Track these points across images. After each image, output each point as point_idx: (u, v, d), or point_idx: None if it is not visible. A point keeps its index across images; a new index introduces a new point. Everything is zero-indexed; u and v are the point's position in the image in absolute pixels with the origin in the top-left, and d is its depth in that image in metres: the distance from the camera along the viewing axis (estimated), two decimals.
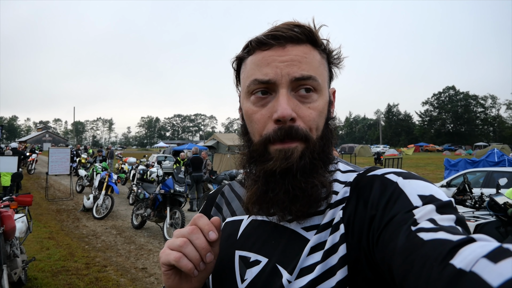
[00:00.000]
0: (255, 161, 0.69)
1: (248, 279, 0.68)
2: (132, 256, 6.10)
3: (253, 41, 0.70)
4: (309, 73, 0.66)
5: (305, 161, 0.65)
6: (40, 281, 4.74)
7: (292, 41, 0.67)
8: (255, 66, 0.68)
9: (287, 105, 0.63)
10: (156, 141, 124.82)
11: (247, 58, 0.71)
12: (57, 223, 8.48)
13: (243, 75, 0.72)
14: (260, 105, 0.68)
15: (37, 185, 15.36)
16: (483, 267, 0.39)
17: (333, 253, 0.60)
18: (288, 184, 0.64)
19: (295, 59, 0.66)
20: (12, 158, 10.92)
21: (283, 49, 0.66)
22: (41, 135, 73.16)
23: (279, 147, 0.65)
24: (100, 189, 9.42)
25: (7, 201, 4.32)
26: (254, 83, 0.67)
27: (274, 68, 0.66)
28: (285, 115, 0.63)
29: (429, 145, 64.13)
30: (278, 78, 0.65)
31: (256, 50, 0.69)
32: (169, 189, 7.32)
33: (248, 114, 0.70)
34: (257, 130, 0.68)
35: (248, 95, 0.70)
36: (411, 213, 0.54)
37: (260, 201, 0.68)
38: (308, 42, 0.68)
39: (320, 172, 0.66)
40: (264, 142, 0.67)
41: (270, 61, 0.67)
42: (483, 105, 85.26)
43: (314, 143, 0.66)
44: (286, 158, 0.64)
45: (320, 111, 0.67)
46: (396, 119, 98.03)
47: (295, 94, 0.66)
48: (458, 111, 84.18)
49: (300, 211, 0.65)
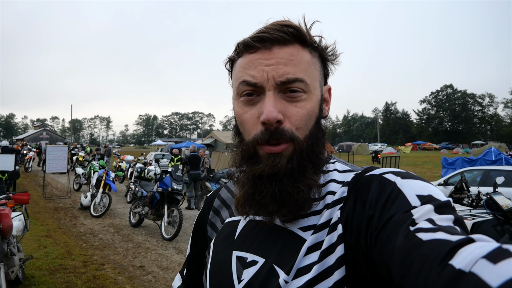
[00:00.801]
0: (245, 161, 0.70)
1: (245, 280, 0.68)
2: (129, 254, 6.10)
3: (240, 44, 0.70)
4: (295, 76, 0.65)
5: (292, 165, 0.65)
6: (38, 279, 4.73)
7: (278, 42, 0.66)
8: (243, 69, 0.69)
9: (273, 107, 0.64)
10: (153, 139, 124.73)
11: (237, 60, 0.72)
12: (55, 221, 8.45)
13: (234, 76, 0.73)
14: (249, 106, 0.68)
15: (35, 183, 15.31)
16: (482, 268, 0.39)
17: (330, 253, 0.60)
18: (275, 188, 0.65)
19: (281, 62, 0.65)
20: (9, 156, 10.87)
21: (270, 52, 0.66)
22: (39, 133, 72.90)
23: (268, 151, 0.66)
24: (97, 187, 9.41)
25: (4, 199, 4.30)
26: (243, 84, 0.68)
27: (260, 72, 0.66)
28: (270, 118, 0.63)
29: (427, 144, 64.38)
30: (265, 82, 0.65)
31: (244, 53, 0.69)
32: (167, 187, 7.31)
33: (238, 114, 0.71)
34: (247, 130, 0.69)
35: (238, 96, 0.70)
36: (409, 213, 0.53)
37: (248, 203, 0.69)
38: (296, 42, 0.68)
39: (308, 175, 0.66)
40: (253, 143, 0.67)
41: (256, 64, 0.67)
42: (481, 103, 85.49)
43: (301, 143, 0.66)
44: (274, 165, 0.65)
45: (309, 110, 0.67)
46: (394, 117, 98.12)
47: (283, 95, 0.66)
48: (456, 110, 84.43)
49: (287, 215, 0.66)
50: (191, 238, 0.93)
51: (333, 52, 0.73)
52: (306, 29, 0.69)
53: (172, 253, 6.18)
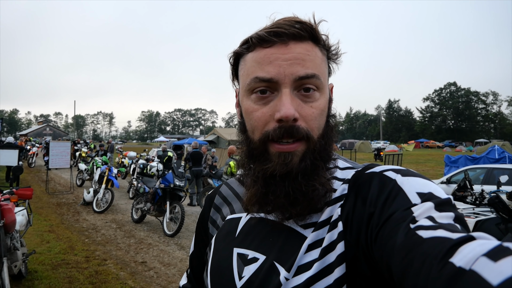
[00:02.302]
0: (254, 159, 0.69)
1: (245, 277, 0.68)
2: (131, 250, 6.13)
3: (253, 38, 0.67)
4: (313, 72, 0.65)
5: (306, 163, 0.64)
6: (40, 274, 4.77)
7: (294, 38, 0.65)
8: (256, 64, 0.66)
9: (290, 105, 0.62)
10: (156, 135, 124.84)
11: (246, 55, 0.69)
12: (57, 216, 8.50)
13: (243, 72, 0.70)
14: (262, 103, 0.66)
15: (38, 179, 15.39)
16: (483, 266, 0.38)
17: (331, 250, 0.60)
18: (288, 187, 0.64)
19: (298, 57, 0.64)
20: (12, 151, 10.93)
21: (286, 47, 0.65)
22: (42, 129, 73.16)
23: (279, 149, 0.64)
24: (100, 183, 9.44)
25: (8, 194, 4.33)
26: (255, 81, 0.66)
27: (277, 67, 0.64)
28: (288, 115, 0.62)
29: (430, 142, 64.20)
30: (281, 77, 0.64)
31: (257, 47, 0.67)
32: (169, 183, 7.33)
33: (248, 112, 0.69)
34: (257, 128, 0.67)
35: (248, 93, 0.68)
36: (409, 210, 0.53)
37: (261, 203, 0.68)
38: (310, 39, 0.67)
39: (321, 173, 0.66)
40: (263, 140, 0.66)
41: (272, 59, 0.65)
42: (485, 101, 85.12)
43: (315, 142, 0.65)
44: (286, 164, 0.64)
45: (322, 109, 0.67)
46: (396, 115, 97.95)
47: (298, 93, 0.65)
48: (459, 108, 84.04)
49: (300, 214, 0.65)
50: (194, 236, 0.93)
51: (336, 51, 0.72)
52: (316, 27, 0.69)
53: (174, 249, 6.20)
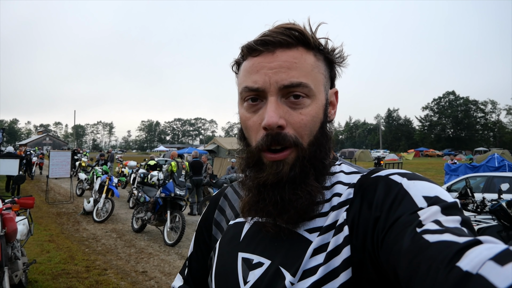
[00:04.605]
0: (251, 168, 0.70)
1: (251, 281, 0.68)
2: (132, 259, 6.09)
3: (244, 47, 0.70)
4: (299, 80, 0.65)
5: (295, 172, 0.65)
6: (41, 284, 4.73)
7: (281, 46, 0.66)
8: (246, 73, 0.69)
9: (274, 113, 0.64)
10: (156, 145, 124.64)
11: (242, 63, 0.72)
12: (58, 226, 8.45)
13: (237, 80, 0.73)
14: (252, 111, 0.69)
15: (37, 188, 15.33)
16: (490, 270, 0.38)
17: (336, 254, 0.60)
18: (277, 195, 0.65)
19: (283, 65, 0.65)
20: (13, 160, 10.92)
21: (272, 55, 0.66)
22: (42, 138, 73.28)
23: (271, 159, 0.66)
24: (100, 192, 9.41)
25: (9, 203, 4.32)
26: (245, 90, 0.68)
27: (262, 76, 0.66)
28: (270, 123, 0.63)
29: (429, 150, 64.02)
30: (267, 86, 0.65)
31: (248, 56, 0.70)
32: (170, 192, 7.31)
33: (242, 120, 0.71)
34: (251, 136, 0.69)
35: (241, 101, 0.71)
36: (416, 214, 0.53)
37: (253, 210, 0.70)
38: (300, 45, 0.67)
39: (309, 182, 0.66)
40: (257, 150, 0.68)
41: (259, 68, 0.66)
42: (483, 110, 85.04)
43: (305, 149, 0.66)
44: (277, 173, 0.65)
45: (313, 116, 0.67)
46: (396, 124, 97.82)
47: (286, 101, 0.66)
48: (458, 116, 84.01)
49: (288, 221, 0.66)
50: (194, 237, 0.92)
51: (340, 54, 0.72)
52: (311, 32, 0.69)
53: (175, 259, 6.16)
